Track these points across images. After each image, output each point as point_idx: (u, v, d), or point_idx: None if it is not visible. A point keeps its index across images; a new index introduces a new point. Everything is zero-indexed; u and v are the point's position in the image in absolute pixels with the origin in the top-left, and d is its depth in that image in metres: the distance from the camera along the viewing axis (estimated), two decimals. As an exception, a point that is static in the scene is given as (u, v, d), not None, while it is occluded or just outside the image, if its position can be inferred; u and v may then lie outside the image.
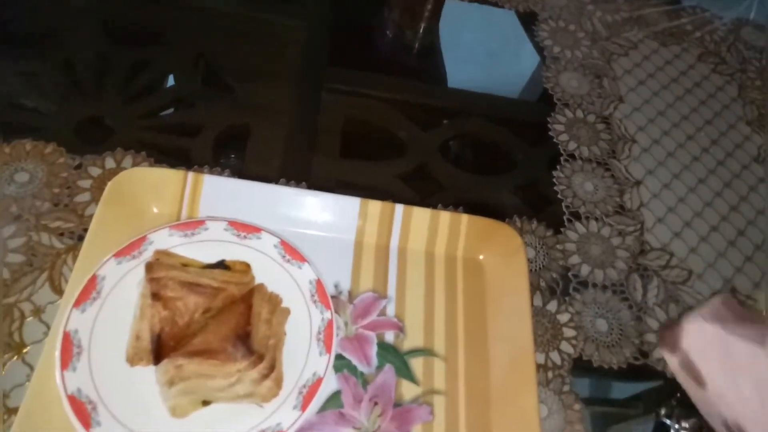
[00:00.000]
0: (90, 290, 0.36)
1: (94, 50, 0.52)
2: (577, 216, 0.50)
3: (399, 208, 0.44)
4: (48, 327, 0.37)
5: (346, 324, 0.40)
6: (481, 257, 0.44)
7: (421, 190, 0.49)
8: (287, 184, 0.46)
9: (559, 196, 0.51)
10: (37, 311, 0.37)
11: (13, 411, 0.34)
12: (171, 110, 0.51)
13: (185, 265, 0.38)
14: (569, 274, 0.46)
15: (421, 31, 0.64)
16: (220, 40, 0.56)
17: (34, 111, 0.47)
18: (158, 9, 0.57)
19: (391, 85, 0.57)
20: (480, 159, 0.54)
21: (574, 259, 0.47)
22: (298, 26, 0.60)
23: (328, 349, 0.36)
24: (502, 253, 0.43)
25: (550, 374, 0.41)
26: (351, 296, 0.41)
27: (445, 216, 0.44)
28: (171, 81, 0.53)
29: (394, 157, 0.51)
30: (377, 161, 0.51)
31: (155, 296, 0.35)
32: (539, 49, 0.64)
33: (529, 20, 0.66)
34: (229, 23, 0.58)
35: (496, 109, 0.58)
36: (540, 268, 0.46)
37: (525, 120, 0.59)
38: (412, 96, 0.57)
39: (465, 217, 0.44)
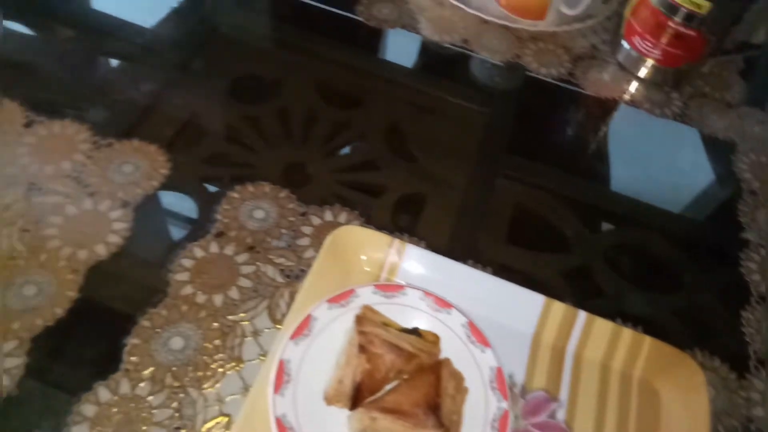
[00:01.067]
0: (304, 327, 0.41)
1: (306, 105, 0.59)
2: (764, 364, 0.47)
3: (581, 315, 0.45)
4: (262, 349, 0.42)
5: (516, 417, 0.41)
6: (658, 384, 0.44)
7: (580, 291, 0.50)
8: (454, 257, 0.48)
9: (746, 339, 0.49)
10: (256, 333, 0.43)
11: (225, 415, 0.39)
12: (360, 169, 0.56)
13: (385, 324, 0.42)
14: (752, 426, 0.44)
15: (601, 133, 0.66)
16: (410, 113, 0.62)
17: (251, 149, 0.55)
18: (362, 77, 0.64)
19: (564, 182, 0.59)
20: (648, 274, 0.54)
21: (758, 412, 0.44)
22: (482, 112, 0.64)
23: (502, 439, 0.38)
24: (682, 386, 0.43)
25: None
26: (524, 390, 0.42)
27: (626, 333, 0.45)
28: (362, 143, 0.59)
29: (557, 252, 0.53)
30: (540, 252, 0.52)
31: (362, 348, 0.39)
32: (735, 179, 0.62)
33: (727, 149, 0.65)
34: (421, 99, 0.63)
35: (674, 227, 0.58)
36: (719, 410, 0.44)
37: (708, 247, 0.57)
38: (583, 196, 0.59)
39: (648, 340, 0.44)
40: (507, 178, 0.58)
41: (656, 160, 0.64)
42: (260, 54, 0.65)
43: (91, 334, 0.42)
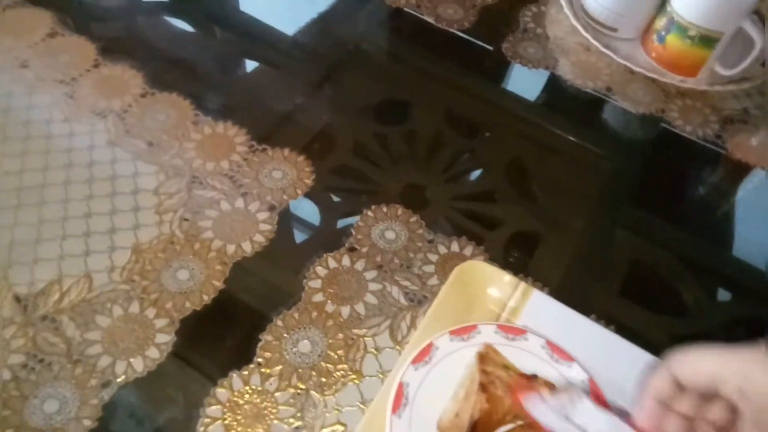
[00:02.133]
0: (425, 354, 0.42)
1: (433, 129, 0.61)
2: None
3: (708, 392, 0.43)
4: (381, 367, 0.44)
5: (628, 486, 0.40)
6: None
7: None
8: (562, 302, 0.47)
9: None
10: (377, 350, 0.45)
11: (342, 424, 0.41)
12: (478, 200, 0.56)
13: (506, 366, 0.42)
14: None
15: (738, 199, 0.62)
16: (535, 150, 0.61)
17: (377, 166, 0.57)
18: (491, 109, 0.64)
19: (690, 243, 0.56)
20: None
21: None
22: (608, 157, 0.62)
23: (614, 507, 0.37)
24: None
25: None
26: (638, 460, 0.41)
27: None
28: (483, 173, 0.59)
29: (672, 315, 0.51)
30: (654, 312, 0.50)
31: (483, 387, 0.39)
32: None
33: None
34: (547, 138, 0.63)
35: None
36: None
37: None
38: (708, 261, 0.56)
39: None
40: (627, 229, 0.57)
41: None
42: (396, 76, 0.67)
43: (230, 324, 0.45)
